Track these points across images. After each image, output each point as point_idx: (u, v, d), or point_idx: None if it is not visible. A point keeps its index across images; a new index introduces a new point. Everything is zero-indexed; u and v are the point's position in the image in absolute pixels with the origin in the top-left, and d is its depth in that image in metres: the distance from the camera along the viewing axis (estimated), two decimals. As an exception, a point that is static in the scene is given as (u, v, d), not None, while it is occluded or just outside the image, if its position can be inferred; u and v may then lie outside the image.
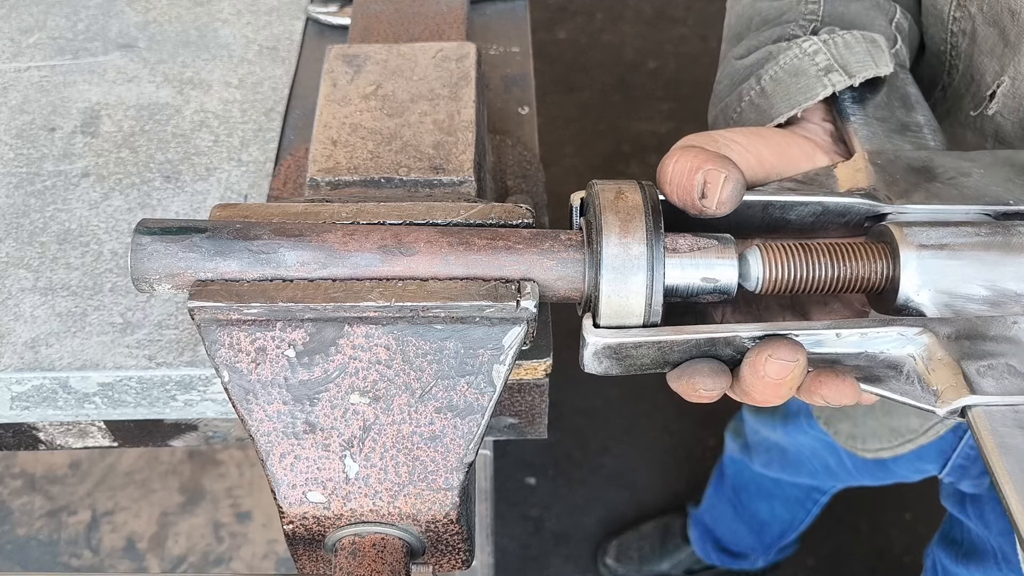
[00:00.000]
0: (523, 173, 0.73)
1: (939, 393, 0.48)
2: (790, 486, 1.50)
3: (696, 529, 1.76)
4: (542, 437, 0.70)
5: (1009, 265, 0.51)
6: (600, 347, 0.50)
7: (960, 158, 0.57)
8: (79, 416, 0.66)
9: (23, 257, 0.69)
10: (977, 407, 0.46)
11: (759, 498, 1.58)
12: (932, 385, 0.48)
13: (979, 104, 0.70)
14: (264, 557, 1.39)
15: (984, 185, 0.55)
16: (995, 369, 0.47)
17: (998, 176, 0.55)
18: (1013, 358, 0.48)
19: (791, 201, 0.55)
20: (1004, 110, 0.67)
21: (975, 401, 0.47)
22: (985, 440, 0.45)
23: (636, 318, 0.49)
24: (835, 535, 1.84)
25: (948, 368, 0.48)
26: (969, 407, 0.47)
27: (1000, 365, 0.48)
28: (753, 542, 1.69)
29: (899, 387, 0.49)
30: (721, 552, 1.74)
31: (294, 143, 0.78)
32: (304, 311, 0.48)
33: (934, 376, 0.48)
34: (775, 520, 1.61)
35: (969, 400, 0.47)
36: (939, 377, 0.48)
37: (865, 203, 0.54)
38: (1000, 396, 0.46)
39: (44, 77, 0.83)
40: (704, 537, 1.75)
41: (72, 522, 1.43)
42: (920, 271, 0.51)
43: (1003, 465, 0.44)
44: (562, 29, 2.80)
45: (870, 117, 0.61)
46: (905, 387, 0.49)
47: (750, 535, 1.67)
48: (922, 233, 0.52)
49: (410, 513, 0.49)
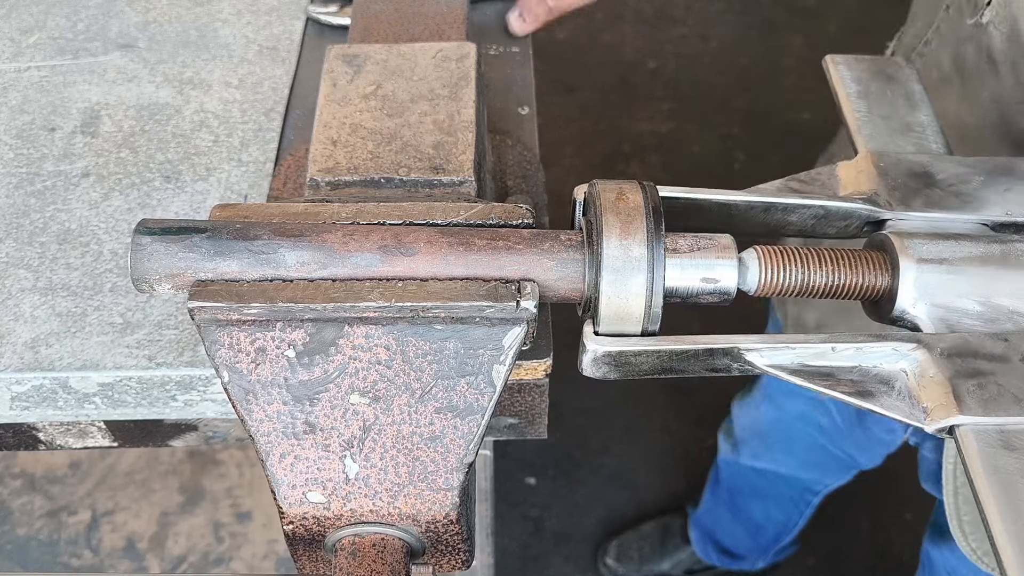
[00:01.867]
0: (523, 173, 0.73)
1: (929, 411, 0.48)
2: (783, 484, 1.51)
3: (696, 530, 1.77)
4: (542, 437, 0.70)
5: (1004, 281, 0.52)
6: (600, 354, 0.50)
7: (960, 164, 0.58)
8: (79, 416, 0.66)
9: (23, 257, 0.69)
10: (965, 426, 0.47)
11: (753, 499, 1.59)
12: (923, 402, 0.49)
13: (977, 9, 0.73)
14: (264, 557, 1.39)
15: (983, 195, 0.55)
16: (985, 389, 0.48)
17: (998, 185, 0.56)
18: (1003, 377, 0.48)
19: (793, 203, 0.55)
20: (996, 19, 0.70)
21: (963, 421, 0.47)
22: (971, 460, 0.46)
23: (636, 320, 0.49)
24: (835, 535, 1.84)
25: (939, 386, 0.48)
26: (957, 426, 0.47)
27: (990, 384, 0.48)
28: (751, 544, 1.69)
29: (890, 403, 0.50)
30: (721, 553, 1.74)
31: (294, 143, 0.78)
32: (304, 311, 0.48)
33: (925, 393, 0.49)
34: (770, 522, 1.62)
35: (957, 420, 0.47)
36: (930, 395, 0.48)
37: (866, 208, 0.55)
38: (988, 417, 0.47)
39: (44, 77, 0.83)
40: (704, 538, 1.75)
41: (72, 522, 1.43)
42: (918, 284, 0.51)
43: (987, 487, 0.44)
44: (562, 29, 2.80)
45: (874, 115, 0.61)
46: (896, 403, 0.49)
47: (747, 537, 1.68)
48: (922, 246, 0.52)
49: (410, 513, 0.49)
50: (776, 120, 2.54)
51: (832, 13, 2.81)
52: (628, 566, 1.81)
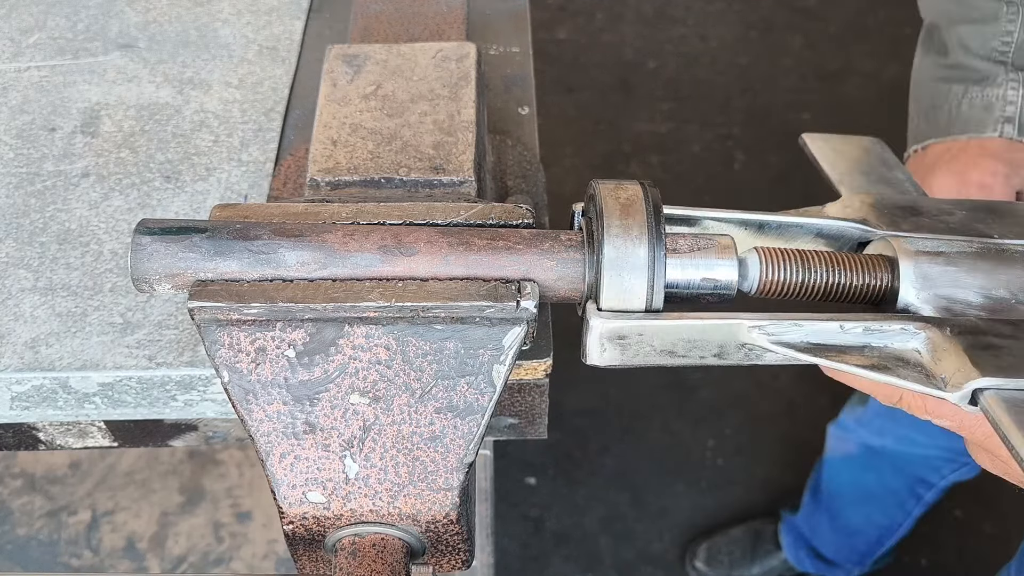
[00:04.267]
0: (523, 173, 0.73)
1: (948, 379, 0.47)
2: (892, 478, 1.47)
3: (789, 535, 1.74)
4: (542, 437, 0.70)
5: (1002, 274, 0.52)
6: (605, 330, 0.49)
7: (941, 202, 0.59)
8: (79, 416, 0.66)
9: (23, 257, 0.69)
10: (989, 391, 0.46)
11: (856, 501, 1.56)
12: (940, 374, 0.48)
13: None
14: (264, 557, 1.39)
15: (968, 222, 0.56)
16: (1000, 358, 0.47)
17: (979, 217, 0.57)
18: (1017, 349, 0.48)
19: (787, 222, 0.56)
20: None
21: (986, 384, 0.46)
22: (1003, 421, 0.44)
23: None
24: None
25: (955, 356, 0.48)
26: (980, 390, 0.46)
27: (1005, 355, 0.47)
28: (848, 551, 1.66)
29: (908, 374, 0.49)
30: (816, 559, 1.71)
31: (294, 143, 0.78)
32: (304, 311, 0.48)
33: (941, 366, 0.48)
34: (871, 525, 1.58)
35: (980, 383, 0.46)
36: (946, 366, 0.48)
37: (859, 228, 0.56)
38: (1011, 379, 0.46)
39: (44, 77, 0.83)
40: (798, 543, 1.72)
41: (72, 522, 1.43)
42: (918, 275, 0.51)
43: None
44: (562, 29, 2.80)
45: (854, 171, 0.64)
46: (914, 374, 0.49)
47: (845, 543, 1.65)
48: (918, 241, 0.53)
49: (410, 513, 0.49)
50: (776, 120, 2.54)
51: (832, 13, 2.81)
52: (718, 570, 1.79)
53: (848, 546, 1.65)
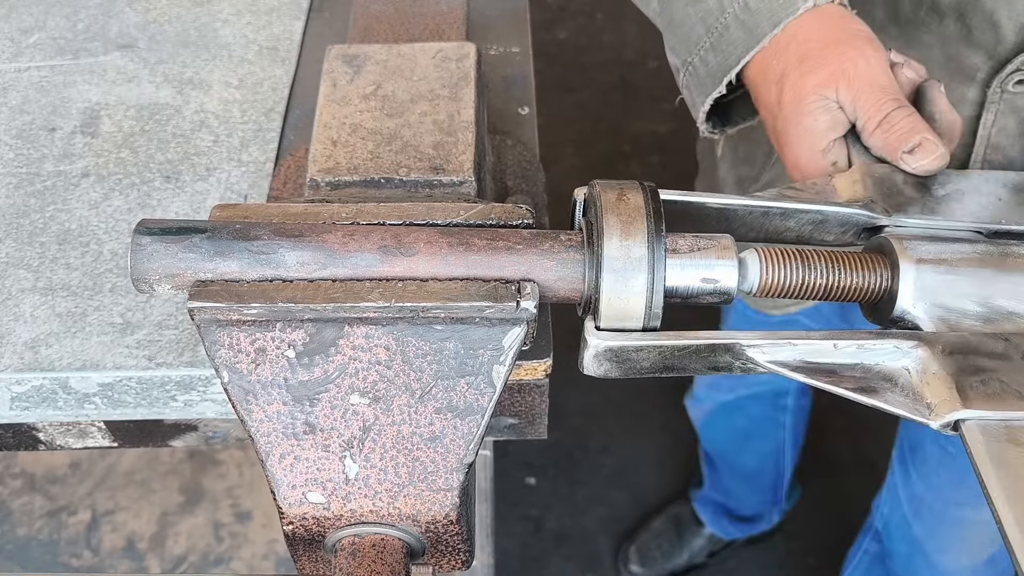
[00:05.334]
0: (523, 173, 0.73)
1: (933, 407, 0.48)
2: (753, 407, 1.51)
3: (706, 508, 1.77)
4: (542, 437, 0.70)
5: (1003, 283, 0.52)
6: (601, 350, 0.50)
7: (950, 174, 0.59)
8: (79, 416, 0.66)
9: (23, 257, 0.69)
10: (970, 421, 0.47)
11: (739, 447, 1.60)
12: (926, 398, 0.49)
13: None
14: (264, 557, 1.40)
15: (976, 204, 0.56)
16: (988, 385, 0.48)
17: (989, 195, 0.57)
18: (1005, 374, 0.49)
19: (791, 208, 0.56)
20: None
21: (968, 415, 0.47)
22: (978, 455, 0.46)
23: (636, 320, 0.49)
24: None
25: (942, 382, 0.48)
26: (962, 421, 0.47)
27: (993, 381, 0.48)
28: (758, 497, 1.70)
29: (894, 399, 0.50)
30: (737, 521, 1.75)
31: (294, 143, 0.78)
32: (304, 311, 0.48)
33: (928, 390, 0.49)
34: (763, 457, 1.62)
35: (962, 414, 0.47)
36: (933, 391, 0.49)
37: (863, 214, 0.55)
38: (993, 411, 0.47)
39: (44, 77, 0.83)
40: (716, 512, 1.75)
41: (72, 522, 1.43)
42: (918, 284, 0.51)
43: (997, 481, 0.44)
44: (562, 29, 2.80)
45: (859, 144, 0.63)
46: (900, 399, 0.50)
47: (752, 491, 1.69)
48: (921, 247, 0.53)
49: (410, 514, 0.49)
50: (776, 120, 2.54)
51: (832, 13, 2.81)
52: (654, 567, 1.80)
53: (757, 491, 1.69)
